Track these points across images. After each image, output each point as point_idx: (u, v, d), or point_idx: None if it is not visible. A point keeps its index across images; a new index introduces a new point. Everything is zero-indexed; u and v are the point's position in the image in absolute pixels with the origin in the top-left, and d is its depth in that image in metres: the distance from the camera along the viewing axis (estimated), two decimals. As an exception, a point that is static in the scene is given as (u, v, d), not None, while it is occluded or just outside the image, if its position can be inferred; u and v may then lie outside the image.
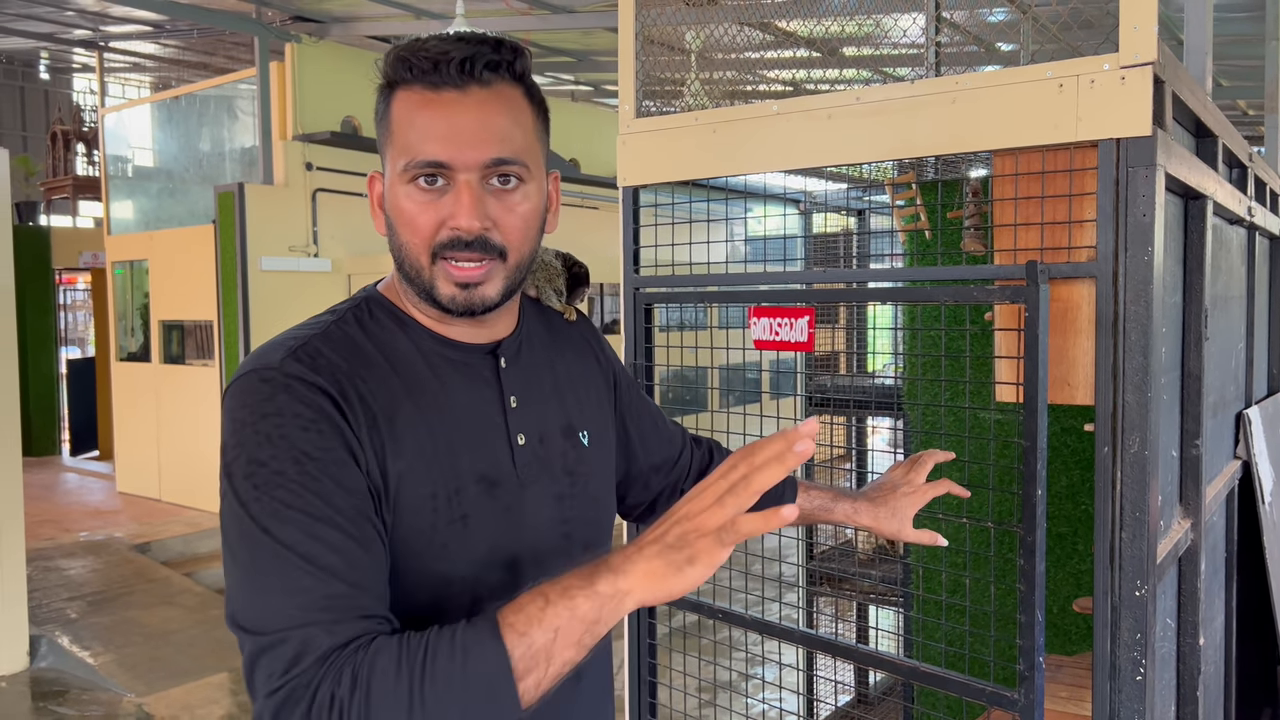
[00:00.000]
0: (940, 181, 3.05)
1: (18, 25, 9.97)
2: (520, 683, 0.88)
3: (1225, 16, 6.12)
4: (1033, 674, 1.76)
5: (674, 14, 2.48)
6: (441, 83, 1.05)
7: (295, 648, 0.91)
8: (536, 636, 0.89)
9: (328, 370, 1.02)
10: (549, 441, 1.18)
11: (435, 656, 0.89)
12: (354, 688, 0.88)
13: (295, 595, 0.92)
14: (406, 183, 1.06)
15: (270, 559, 0.94)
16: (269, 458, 0.96)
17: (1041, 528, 1.76)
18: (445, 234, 1.05)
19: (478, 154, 1.04)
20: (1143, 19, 1.70)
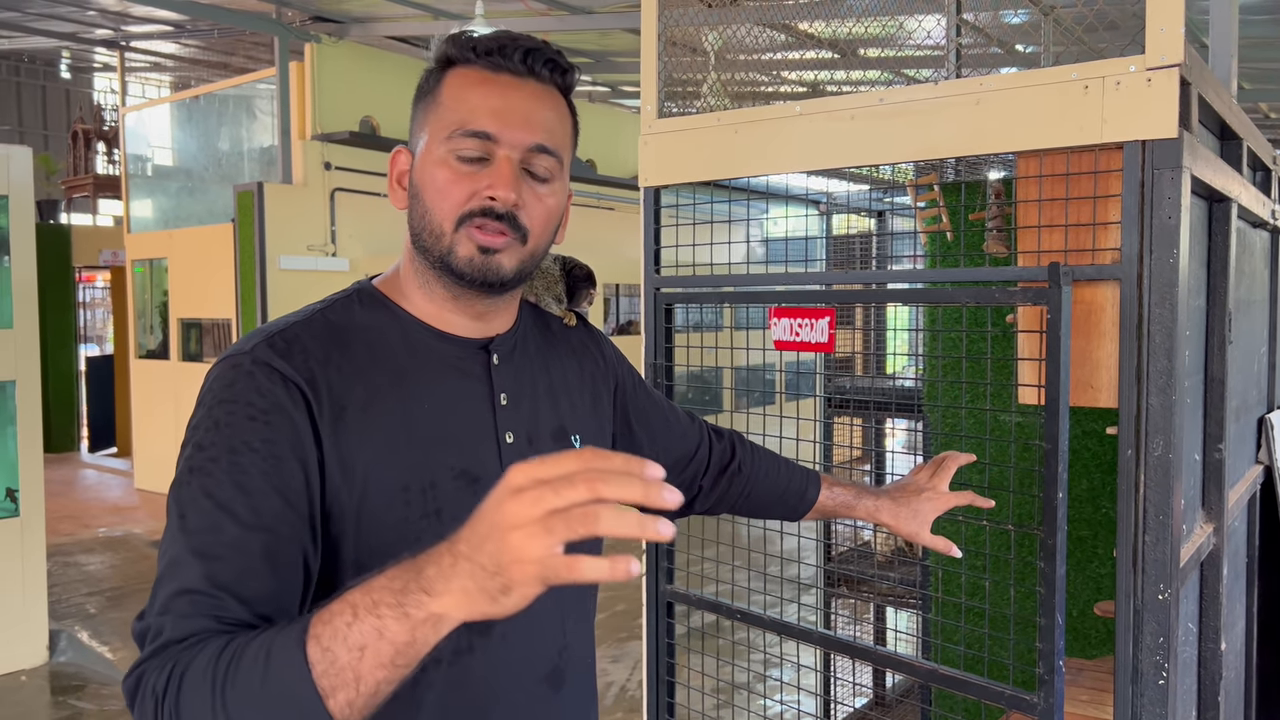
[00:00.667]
0: (963, 183, 3.04)
1: (40, 25, 10.06)
2: (328, 700, 0.80)
3: (1247, 19, 6.08)
4: (1052, 677, 1.76)
5: (695, 15, 2.49)
6: (502, 66, 1.08)
7: (152, 635, 0.91)
8: (340, 654, 0.80)
9: (299, 357, 1.02)
10: (539, 443, 1.16)
11: (240, 661, 0.84)
12: (168, 685, 0.86)
13: (172, 581, 0.92)
14: (446, 152, 1.06)
15: (170, 544, 0.95)
16: (209, 443, 0.97)
17: (1062, 531, 1.75)
18: (478, 202, 1.06)
19: (525, 135, 1.07)
20: (1169, 21, 1.70)
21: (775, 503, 1.62)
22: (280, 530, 0.96)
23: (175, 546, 0.94)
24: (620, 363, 1.39)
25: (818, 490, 1.64)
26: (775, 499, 1.62)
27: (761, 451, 1.63)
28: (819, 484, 1.64)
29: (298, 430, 0.99)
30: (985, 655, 2.28)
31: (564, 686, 1.16)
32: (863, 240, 4.38)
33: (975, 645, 2.88)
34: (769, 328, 2.19)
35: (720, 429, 1.62)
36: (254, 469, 0.96)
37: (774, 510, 1.63)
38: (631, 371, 1.42)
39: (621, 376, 1.38)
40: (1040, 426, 1.87)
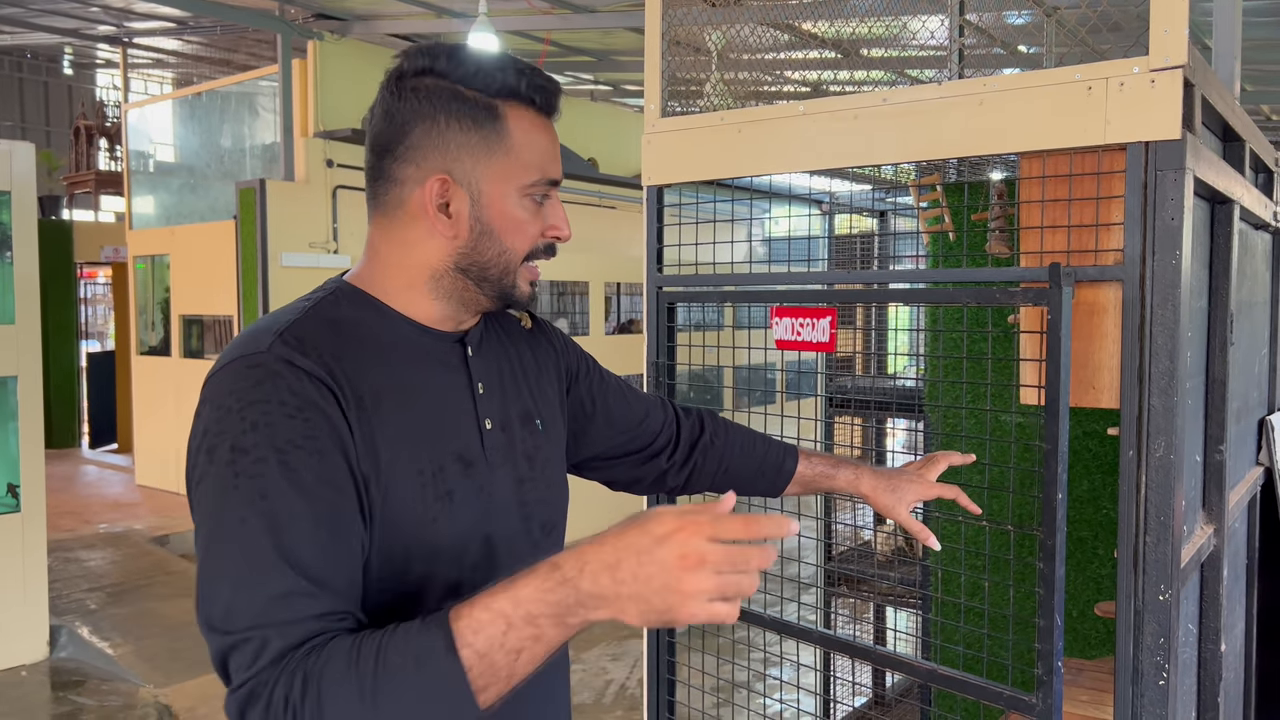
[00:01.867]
0: (965, 183, 3.05)
1: (43, 21, 10.05)
2: (479, 695, 0.90)
3: (1250, 21, 6.08)
4: (1051, 678, 1.76)
5: (698, 14, 2.49)
6: (550, 109, 1.19)
7: (255, 647, 0.92)
8: (497, 658, 0.90)
9: (315, 353, 1.05)
10: (510, 428, 1.24)
11: (384, 664, 0.89)
12: (305, 690, 0.89)
13: (259, 590, 0.94)
14: (525, 194, 1.16)
15: (239, 551, 0.95)
16: (251, 445, 0.98)
17: (1062, 531, 1.76)
18: (546, 240, 1.19)
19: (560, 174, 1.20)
20: (1173, 22, 1.70)
21: (754, 476, 1.66)
22: (341, 521, 1.01)
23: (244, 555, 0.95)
24: (569, 348, 1.46)
25: (795, 462, 1.66)
26: (753, 472, 1.66)
27: (735, 426, 1.67)
28: (796, 456, 1.67)
29: (333, 423, 1.02)
30: (984, 656, 2.29)
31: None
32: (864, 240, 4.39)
33: (974, 645, 2.88)
34: (770, 327, 2.19)
35: (690, 407, 1.66)
36: (304, 466, 0.98)
37: (754, 485, 1.66)
38: (583, 356, 1.49)
39: (572, 362, 1.45)
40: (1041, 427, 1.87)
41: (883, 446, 4.05)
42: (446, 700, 0.89)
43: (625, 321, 9.93)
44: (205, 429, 1.01)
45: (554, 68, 10.10)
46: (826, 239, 4.03)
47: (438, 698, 0.89)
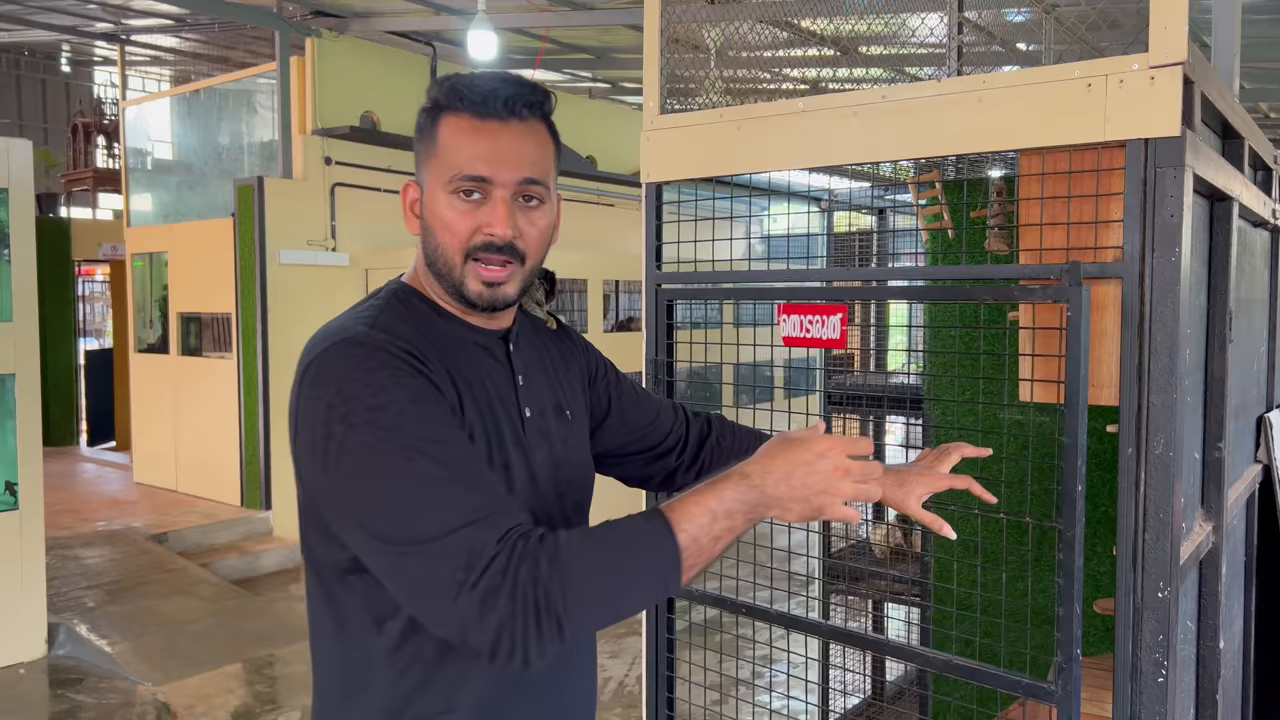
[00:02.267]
0: (964, 180, 3.05)
1: (40, 18, 10.04)
2: (686, 570, 1.11)
3: (1248, 19, 6.08)
4: (1070, 665, 1.78)
5: (697, 12, 2.49)
6: (488, 114, 1.24)
7: (466, 545, 1.06)
8: (704, 542, 1.11)
9: (402, 339, 1.20)
10: (546, 416, 1.38)
11: (623, 542, 1.10)
12: (552, 566, 1.06)
13: (449, 504, 1.08)
14: (449, 193, 1.24)
15: (415, 481, 1.09)
16: (387, 402, 1.12)
17: (1081, 523, 1.77)
18: (480, 238, 1.24)
19: (514, 173, 1.24)
20: (1173, 19, 1.70)
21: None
22: (475, 450, 1.20)
23: (421, 483, 1.09)
24: (590, 350, 1.60)
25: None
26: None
27: (742, 428, 1.76)
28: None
29: (436, 383, 1.19)
30: (1002, 648, 2.29)
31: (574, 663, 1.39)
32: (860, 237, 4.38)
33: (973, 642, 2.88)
34: (777, 324, 2.20)
35: (699, 411, 1.77)
36: (433, 415, 1.15)
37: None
38: (601, 358, 1.62)
39: (593, 362, 1.58)
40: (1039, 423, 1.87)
41: (881, 442, 4.05)
42: (663, 574, 1.10)
43: (624, 319, 9.92)
44: (330, 402, 1.13)
45: (552, 65, 10.10)
46: (826, 236, 4.03)
47: (658, 572, 1.10)
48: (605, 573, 1.08)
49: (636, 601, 1.12)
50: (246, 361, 7.88)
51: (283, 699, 4.82)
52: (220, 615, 5.87)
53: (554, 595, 1.05)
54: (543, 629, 1.05)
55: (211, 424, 8.32)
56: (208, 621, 5.76)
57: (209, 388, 8.37)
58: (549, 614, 1.05)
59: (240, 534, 7.61)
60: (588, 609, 1.08)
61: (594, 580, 1.08)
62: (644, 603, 1.14)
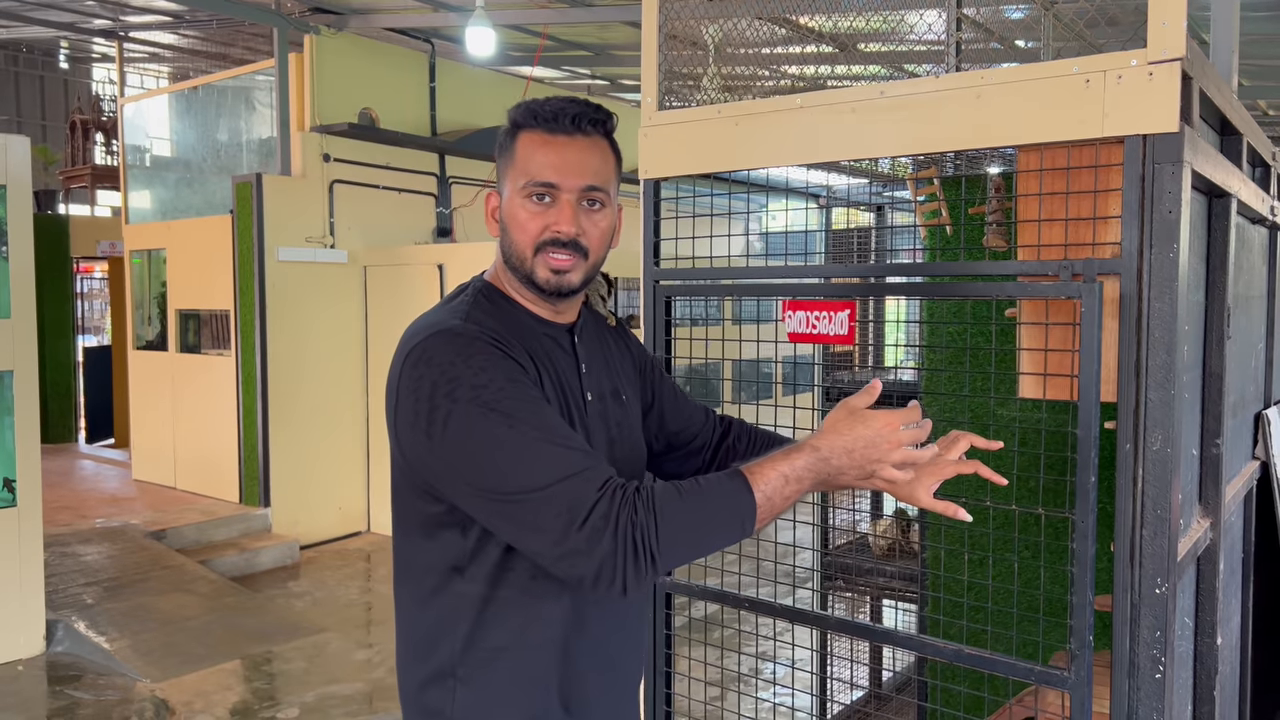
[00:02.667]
0: (963, 177, 3.04)
1: (38, 14, 10.02)
2: (759, 521, 1.33)
3: (1247, 15, 6.08)
4: (1084, 652, 1.79)
5: (695, 8, 2.48)
6: (558, 129, 1.46)
7: (570, 494, 1.28)
8: (776, 500, 1.34)
9: (490, 330, 1.40)
10: (605, 400, 1.58)
11: (709, 495, 1.32)
12: (648, 512, 1.28)
13: (551, 460, 1.30)
14: (524, 197, 1.45)
15: (519, 445, 1.30)
16: (488, 381, 1.33)
17: (1094, 513, 1.78)
18: (549, 234, 1.45)
19: (578, 180, 1.45)
20: (1172, 15, 1.70)
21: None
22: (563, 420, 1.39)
23: (525, 443, 1.30)
24: (642, 348, 1.80)
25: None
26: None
27: (758, 430, 1.90)
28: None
29: (523, 366, 1.39)
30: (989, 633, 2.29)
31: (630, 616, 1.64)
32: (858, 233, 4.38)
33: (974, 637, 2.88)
34: (782, 320, 2.20)
35: (722, 416, 1.91)
36: (529, 393, 1.35)
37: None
38: (650, 356, 1.82)
39: (644, 360, 1.78)
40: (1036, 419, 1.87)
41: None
42: (739, 524, 1.33)
43: (622, 316, 9.93)
44: (435, 381, 1.34)
45: (551, 62, 10.09)
46: (824, 233, 4.03)
47: (735, 521, 1.32)
48: (693, 519, 1.31)
49: (716, 543, 1.36)
50: (245, 358, 7.87)
51: (281, 695, 4.82)
52: (218, 612, 5.87)
53: (649, 536, 1.27)
54: (640, 563, 1.27)
55: (210, 421, 8.32)
56: (206, 618, 5.76)
57: (207, 385, 8.37)
58: (644, 551, 1.27)
59: (239, 531, 7.61)
60: (677, 548, 1.31)
61: (683, 524, 1.30)
62: (722, 544, 1.37)
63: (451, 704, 1.46)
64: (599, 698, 1.55)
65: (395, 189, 8.63)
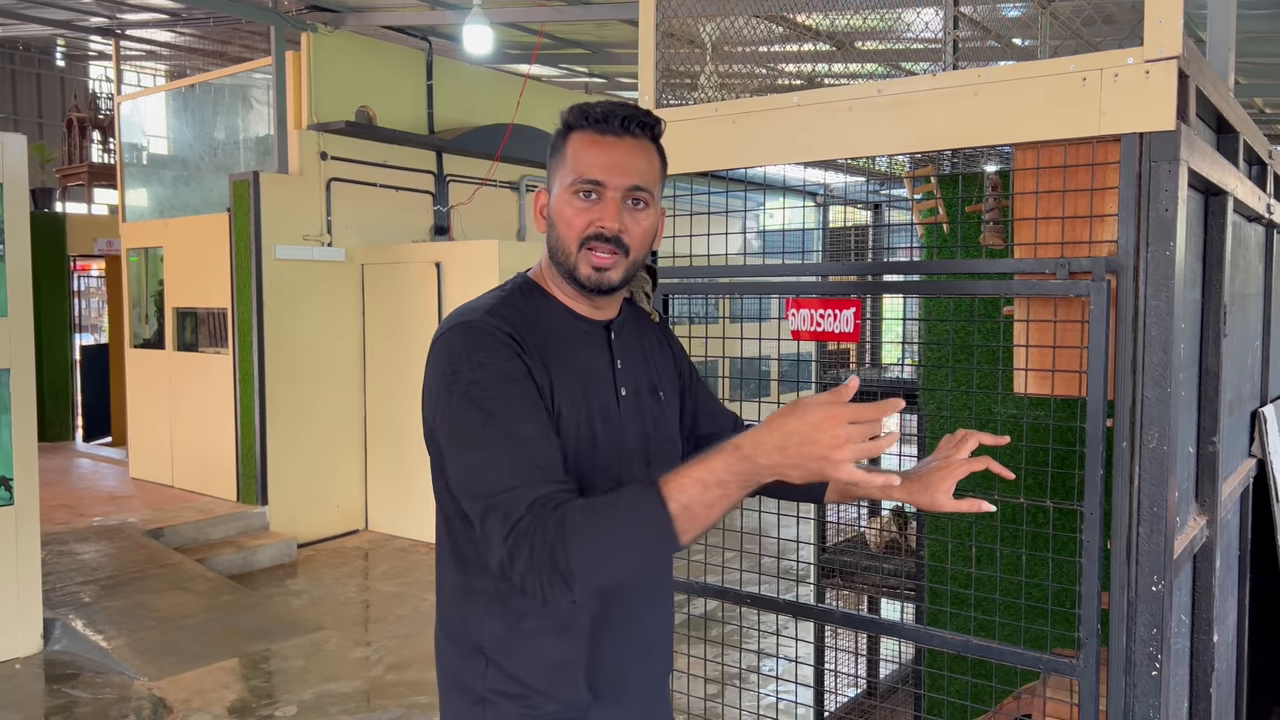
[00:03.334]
0: (960, 175, 3.05)
1: (36, 12, 10.01)
2: (680, 536, 1.28)
3: (1244, 13, 6.08)
4: (1092, 640, 1.80)
5: (692, 6, 2.48)
6: (607, 130, 1.50)
7: (506, 505, 1.31)
8: (697, 510, 1.27)
9: (512, 324, 1.46)
10: (640, 395, 1.62)
11: (614, 511, 1.29)
12: (557, 532, 1.28)
13: (506, 468, 1.34)
14: (571, 194, 1.50)
15: (485, 446, 1.36)
16: (481, 378, 1.39)
17: (1101, 506, 1.80)
18: (593, 229, 1.49)
19: (624, 180, 1.49)
20: (1168, 13, 1.70)
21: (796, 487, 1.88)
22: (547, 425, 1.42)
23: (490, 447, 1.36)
24: (681, 350, 1.83)
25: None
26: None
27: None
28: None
29: (529, 366, 1.43)
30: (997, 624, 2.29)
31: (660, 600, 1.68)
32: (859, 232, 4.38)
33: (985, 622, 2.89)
34: (786, 318, 2.21)
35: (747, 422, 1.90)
36: (518, 391, 1.40)
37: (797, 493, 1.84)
38: (688, 360, 1.84)
39: (683, 361, 1.82)
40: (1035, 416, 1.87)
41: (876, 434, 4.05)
42: (657, 540, 1.28)
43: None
44: (443, 372, 1.42)
45: (548, 60, 10.09)
46: (821, 231, 4.03)
47: (652, 538, 1.28)
48: (603, 540, 1.28)
49: (634, 562, 1.34)
50: (242, 356, 7.87)
51: (279, 693, 4.83)
52: (216, 610, 5.87)
53: (558, 557, 1.27)
54: (553, 582, 1.28)
55: (207, 419, 8.32)
56: (204, 616, 5.76)
57: (205, 383, 8.36)
58: (555, 571, 1.28)
59: (236, 529, 7.60)
60: (592, 566, 1.29)
61: (594, 544, 1.28)
62: (643, 562, 1.36)
63: (482, 682, 1.53)
64: (629, 687, 1.60)
65: (392, 187, 8.63)
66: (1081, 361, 1.87)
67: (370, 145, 8.39)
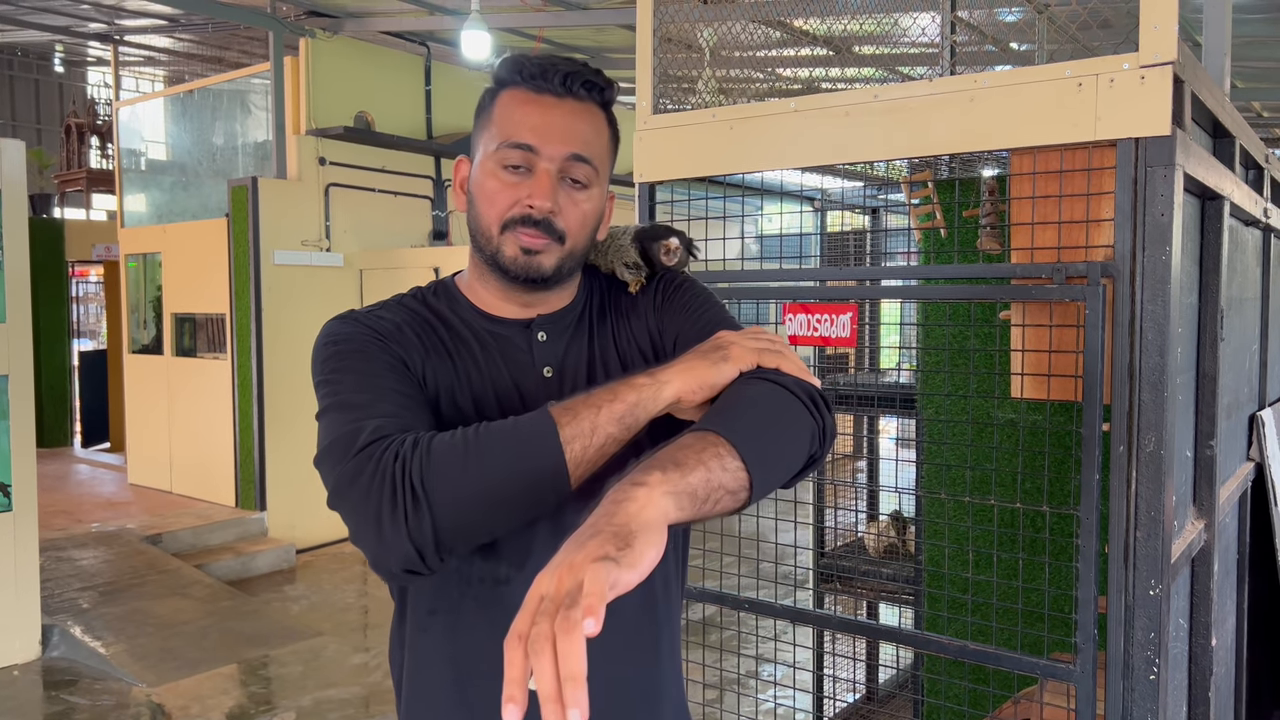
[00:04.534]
0: (957, 180, 3.05)
1: (34, 18, 10.02)
2: (567, 447, 1.03)
3: (1241, 18, 6.09)
4: (1089, 645, 1.81)
5: (690, 11, 2.49)
6: (545, 88, 1.23)
7: (354, 433, 1.08)
8: (582, 411, 1.05)
9: (381, 322, 1.24)
10: None
11: (489, 426, 1.06)
12: (415, 446, 1.04)
13: (357, 408, 1.11)
14: (495, 163, 1.23)
15: (338, 409, 1.13)
16: (344, 352, 1.18)
17: (1098, 510, 1.80)
18: (519, 210, 1.22)
19: (562, 147, 1.22)
20: (1163, 19, 1.70)
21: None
22: (415, 390, 1.18)
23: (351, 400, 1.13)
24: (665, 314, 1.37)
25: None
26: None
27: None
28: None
29: (398, 352, 1.20)
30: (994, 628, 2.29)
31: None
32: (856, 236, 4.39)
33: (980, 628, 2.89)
34: (783, 323, 2.21)
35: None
36: (382, 363, 1.18)
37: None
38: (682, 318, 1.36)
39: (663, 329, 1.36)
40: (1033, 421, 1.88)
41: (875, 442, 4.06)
42: (539, 444, 1.03)
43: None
44: (315, 354, 1.21)
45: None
46: (819, 236, 4.03)
47: (530, 444, 1.03)
48: (471, 454, 1.02)
49: (511, 489, 1.03)
50: (241, 362, 7.87)
51: (277, 700, 4.82)
52: (215, 616, 5.86)
53: (412, 468, 1.02)
54: (398, 503, 1.01)
55: (206, 425, 8.31)
56: (202, 623, 5.75)
57: (203, 388, 8.36)
58: (405, 488, 1.01)
59: (235, 535, 7.60)
60: (451, 488, 1.01)
61: (455, 460, 1.02)
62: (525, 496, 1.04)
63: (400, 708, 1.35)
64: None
65: (391, 192, 8.63)
66: (1078, 366, 1.88)
67: (369, 150, 8.40)
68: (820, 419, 1.15)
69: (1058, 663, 1.88)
